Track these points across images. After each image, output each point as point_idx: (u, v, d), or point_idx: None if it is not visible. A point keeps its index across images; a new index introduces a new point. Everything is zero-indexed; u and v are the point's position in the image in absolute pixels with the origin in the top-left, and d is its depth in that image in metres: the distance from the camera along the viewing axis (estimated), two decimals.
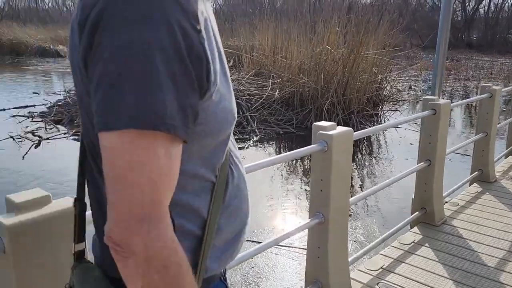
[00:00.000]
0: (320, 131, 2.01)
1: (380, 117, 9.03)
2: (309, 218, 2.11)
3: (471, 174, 4.02)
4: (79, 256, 0.83)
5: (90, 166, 0.75)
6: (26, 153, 6.15)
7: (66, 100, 9.13)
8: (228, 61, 11.88)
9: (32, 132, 7.18)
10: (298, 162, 6.10)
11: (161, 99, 0.58)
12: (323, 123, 2.06)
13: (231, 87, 0.77)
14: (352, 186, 5.06)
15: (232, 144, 0.84)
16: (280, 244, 3.44)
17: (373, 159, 6.49)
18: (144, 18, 0.58)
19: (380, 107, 9.34)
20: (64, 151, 6.36)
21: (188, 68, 0.61)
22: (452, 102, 3.09)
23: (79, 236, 0.84)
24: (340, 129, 2.06)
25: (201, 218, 0.76)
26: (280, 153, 6.71)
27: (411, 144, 7.10)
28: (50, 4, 50.46)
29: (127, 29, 0.58)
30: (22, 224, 1.04)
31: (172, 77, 0.59)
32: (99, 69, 0.59)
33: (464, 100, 4.53)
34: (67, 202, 1.15)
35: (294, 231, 2.03)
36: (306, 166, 5.91)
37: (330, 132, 1.99)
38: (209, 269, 0.79)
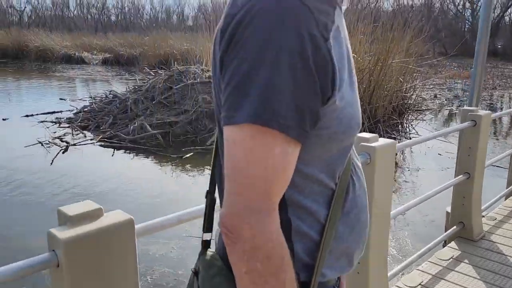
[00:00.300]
0: (363, 143, 1.95)
1: (405, 126, 8.88)
2: None
3: (507, 187, 3.88)
4: (206, 245, 0.89)
5: (219, 162, 0.80)
6: (53, 159, 6.24)
7: (91, 106, 9.27)
8: None
9: (60, 138, 7.30)
10: None
11: (281, 100, 0.63)
12: (365, 134, 2.00)
13: (357, 96, 0.79)
14: None
15: (354, 154, 0.85)
16: None
17: (401, 169, 6.37)
18: (278, 24, 0.63)
19: (406, 116, 9.19)
20: (90, 157, 6.44)
21: (312, 74, 0.64)
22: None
23: (208, 226, 0.91)
24: (383, 141, 2.00)
25: (319, 223, 0.78)
26: None
27: (439, 154, 6.95)
28: (75, 12, 51.70)
29: (261, 33, 0.63)
30: (76, 237, 1.03)
31: (295, 81, 0.63)
32: (231, 67, 0.66)
33: (505, 111, 4.40)
34: (119, 215, 1.13)
35: None
36: None
37: (373, 144, 1.93)
38: (324, 275, 0.80)
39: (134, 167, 6.15)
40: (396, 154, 7.08)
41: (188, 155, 6.52)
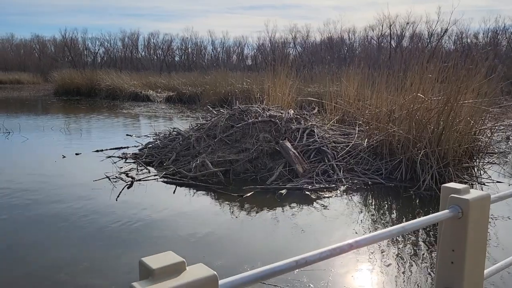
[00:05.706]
0: (453, 195, 1.78)
1: (477, 170, 8.32)
2: None
3: None
4: None
5: None
6: (119, 193, 6.43)
7: (156, 142, 9.59)
8: (313, 108, 11.87)
9: (126, 173, 7.56)
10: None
11: None
12: (454, 185, 1.82)
13: None
14: None
15: None
16: None
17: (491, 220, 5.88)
18: None
19: (477, 159, 8.64)
20: (154, 193, 6.58)
21: None
22: None
23: None
24: (476, 192, 1.81)
25: None
26: (369, 205, 6.34)
27: None
28: (143, 53, 55.18)
29: None
30: None
31: None
32: None
33: None
34: (202, 270, 1.05)
35: None
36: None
37: (465, 196, 1.75)
38: None
39: (196, 205, 6.18)
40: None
41: (248, 194, 6.47)
